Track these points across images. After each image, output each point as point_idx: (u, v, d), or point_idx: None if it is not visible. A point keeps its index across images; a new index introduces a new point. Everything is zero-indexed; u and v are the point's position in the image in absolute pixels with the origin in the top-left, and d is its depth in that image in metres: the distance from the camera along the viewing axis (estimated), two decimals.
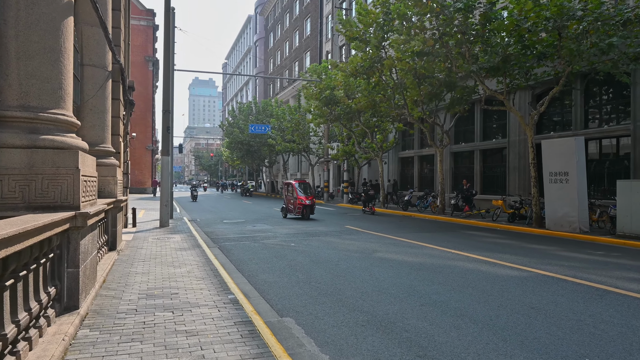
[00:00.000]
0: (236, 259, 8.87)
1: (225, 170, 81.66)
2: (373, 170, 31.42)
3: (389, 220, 17.68)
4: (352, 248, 10.19)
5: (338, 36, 36.15)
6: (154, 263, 7.87)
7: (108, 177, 8.83)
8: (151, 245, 10.03)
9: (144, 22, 47.89)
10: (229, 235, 12.65)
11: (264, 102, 43.20)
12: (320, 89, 22.59)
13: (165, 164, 14.12)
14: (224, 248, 10.30)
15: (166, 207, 13.95)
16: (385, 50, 18.18)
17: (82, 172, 4.83)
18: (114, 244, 8.89)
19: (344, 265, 8.22)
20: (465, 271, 7.65)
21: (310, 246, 10.50)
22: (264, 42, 68.93)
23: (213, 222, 16.56)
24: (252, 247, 10.42)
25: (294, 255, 9.25)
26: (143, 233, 12.23)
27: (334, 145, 29.20)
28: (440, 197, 19.15)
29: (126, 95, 11.34)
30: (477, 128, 21.46)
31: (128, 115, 11.88)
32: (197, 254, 9.01)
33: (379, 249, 9.98)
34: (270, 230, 13.78)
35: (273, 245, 10.68)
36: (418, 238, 11.89)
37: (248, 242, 11.25)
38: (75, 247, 4.65)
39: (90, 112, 8.95)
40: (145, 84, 47.16)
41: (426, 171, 25.97)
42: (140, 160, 45.35)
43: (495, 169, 21.02)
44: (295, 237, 12.28)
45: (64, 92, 5.00)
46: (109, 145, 9.32)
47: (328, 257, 8.99)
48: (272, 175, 47.68)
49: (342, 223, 16.12)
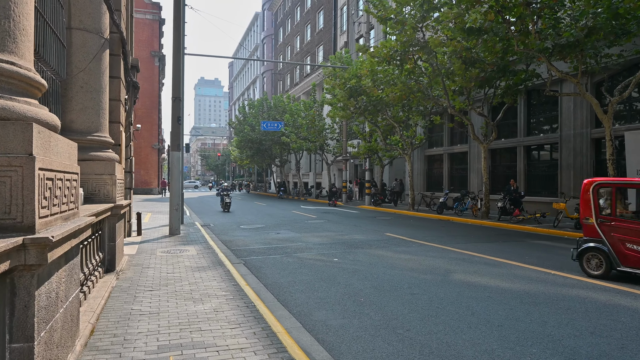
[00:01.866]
0: (272, 284, 6.71)
1: (233, 170, 79.72)
2: (395, 170, 29.18)
3: (428, 225, 15.46)
4: (414, 266, 8.00)
5: (357, 25, 33.95)
6: (165, 294, 5.73)
7: (104, 176, 6.71)
8: (160, 262, 7.90)
9: (150, 15, 45.99)
10: (253, 246, 10.51)
11: (275, 98, 41.09)
12: (345, 79, 20.38)
13: (175, 161, 11.99)
14: (251, 265, 8.15)
15: (177, 211, 11.83)
16: (423, 32, 15.96)
17: (41, 163, 2.69)
18: (112, 264, 6.77)
19: (422, 295, 6.04)
20: (604, 307, 5.44)
21: (359, 263, 8.33)
22: (271, 39, 66.92)
23: (229, 228, 14.44)
24: (287, 264, 8.26)
25: (346, 277, 7.08)
26: (150, 244, 10.11)
27: (354, 143, 26.98)
28: (485, 199, 16.89)
29: (129, 75, 9.23)
30: (521, 121, 19.17)
31: (131, 100, 9.79)
32: (220, 275, 6.87)
33: (452, 268, 7.78)
34: (299, 239, 11.63)
35: (312, 261, 8.52)
36: (484, 250, 9.69)
37: (279, 257, 9.09)
38: (27, 304, 2.50)
39: (81, 90, 6.83)
40: (152, 80, 45.26)
41: (458, 170, 23.69)
42: (146, 160, 43.44)
43: (543, 167, 18.73)
44: (333, 248, 10.11)
45: (12, 24, 2.86)
46: (105, 134, 7.20)
47: (393, 281, 6.81)
48: (284, 175, 45.55)
49: (378, 229, 13.93)
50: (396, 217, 18.75)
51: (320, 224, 15.47)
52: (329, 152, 32.21)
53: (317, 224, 15.47)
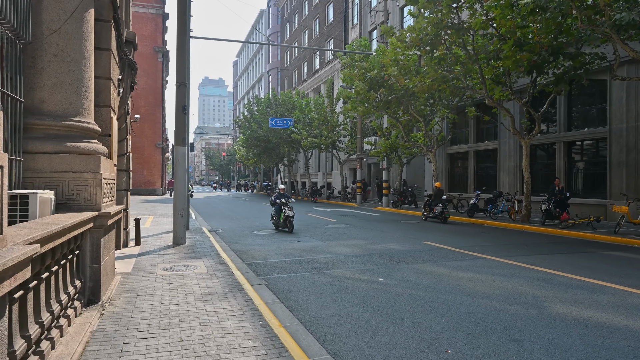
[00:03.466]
0: (312, 320, 4.95)
1: (238, 170, 78.10)
2: (412, 169, 27.35)
3: (465, 231, 13.66)
4: (488, 290, 6.20)
5: (371, 16, 32.14)
6: (166, 345, 3.97)
7: (85, 174, 4.97)
8: (161, 284, 6.15)
9: (153, 9, 44.38)
10: (272, 259, 8.75)
11: (283, 94, 39.34)
12: (365, 69, 18.57)
13: (180, 158, 10.21)
14: (277, 288, 6.39)
15: (182, 216, 10.08)
16: (458, 13, 14.16)
17: None
18: (96, 292, 5.02)
19: (532, 343, 4.24)
20: None
21: (414, 285, 6.54)
22: (277, 36, 65.27)
23: (240, 234, 12.70)
24: (321, 286, 6.50)
25: (408, 309, 5.30)
26: (150, 257, 8.37)
27: (372, 140, 25.17)
28: (526, 200, 15.05)
29: (123, 51, 7.49)
30: (561, 114, 17.31)
31: (127, 83, 8.05)
32: (241, 308, 5.11)
33: (540, 294, 5.98)
34: (325, 249, 9.86)
35: (351, 282, 6.75)
36: (558, 265, 7.88)
37: (308, 275, 7.33)
38: None
39: (55, 59, 5.11)
40: (155, 77, 43.70)
41: (485, 169, 21.84)
42: (150, 159, 41.85)
43: (587, 165, 16.87)
44: (371, 262, 8.33)
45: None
46: (89, 119, 5.46)
47: (475, 316, 5.03)
48: (292, 175, 43.80)
49: (411, 236, 12.14)
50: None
51: (343, 230, 13.68)
52: (341, 150, 30.43)
53: (340, 230, 13.68)
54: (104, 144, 6.16)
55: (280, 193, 13.59)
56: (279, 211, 13.25)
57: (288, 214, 12.89)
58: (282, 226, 13.14)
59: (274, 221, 13.63)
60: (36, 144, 4.91)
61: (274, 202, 13.45)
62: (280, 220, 13.11)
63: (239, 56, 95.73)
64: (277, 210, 13.41)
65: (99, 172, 5.02)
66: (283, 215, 12.92)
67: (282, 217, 12.97)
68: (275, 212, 13.56)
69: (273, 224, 13.75)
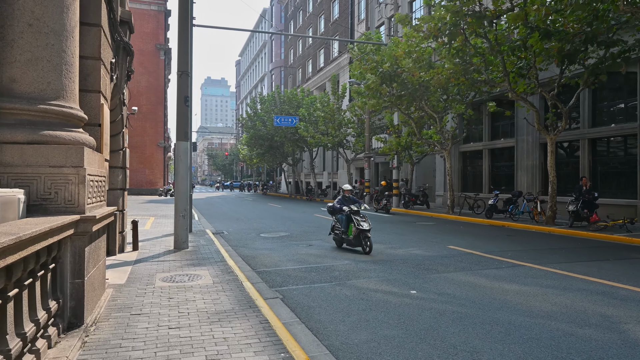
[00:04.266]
0: (343, 348, 4.01)
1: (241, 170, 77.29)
2: (422, 168, 26.38)
3: (488, 234, 12.71)
4: (546, 307, 5.25)
5: (378, 10, 31.18)
6: None
7: (64, 170, 4.07)
8: (159, 301, 5.23)
9: (155, 6, 43.60)
10: (285, 266, 7.83)
11: (287, 92, 38.43)
12: (377, 62, 17.61)
13: (182, 154, 9.27)
14: (294, 303, 5.46)
15: (184, 218, 9.16)
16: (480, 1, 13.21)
17: None
18: (78, 314, 4.10)
19: None
20: None
21: (454, 300, 5.60)
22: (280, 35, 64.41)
23: (247, 237, 11.79)
24: (346, 301, 5.57)
25: (457, 332, 4.37)
26: (147, 265, 7.45)
27: (383, 137, 24.21)
28: (551, 201, 14.08)
29: (117, 31, 6.57)
30: (585, 109, 16.31)
31: (122, 69, 7.13)
32: (256, 332, 4.19)
33: (611, 313, 5.03)
34: (342, 255, 8.92)
35: (380, 295, 5.82)
36: (612, 275, 6.92)
37: (328, 285, 6.40)
38: None
39: (29, 29, 4.21)
40: (157, 75, 42.87)
41: (501, 168, 20.86)
42: (152, 158, 41.01)
43: (614, 163, 15.88)
44: (397, 270, 7.39)
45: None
46: (72, 104, 4.55)
47: (546, 346, 4.09)
48: (296, 175, 42.88)
49: (433, 240, 11.19)
50: (439, 222, 16.00)
51: None
52: (348, 148, 29.48)
53: None
54: (92, 135, 5.25)
55: (345, 196, 9.90)
56: (346, 222, 9.46)
57: (362, 227, 8.98)
58: (351, 243, 9.34)
59: (336, 236, 9.94)
60: (4, 132, 4.00)
61: (337, 209, 9.68)
62: (350, 235, 9.31)
63: (241, 55, 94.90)
64: (343, 220, 9.56)
65: (82, 167, 4.11)
66: (354, 228, 9.15)
67: (353, 231, 9.20)
68: (339, 223, 9.74)
69: (334, 239, 10.04)
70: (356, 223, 9.06)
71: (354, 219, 9.17)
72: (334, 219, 10.04)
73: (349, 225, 9.39)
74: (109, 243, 7.94)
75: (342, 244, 9.90)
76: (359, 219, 9.12)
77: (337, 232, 9.82)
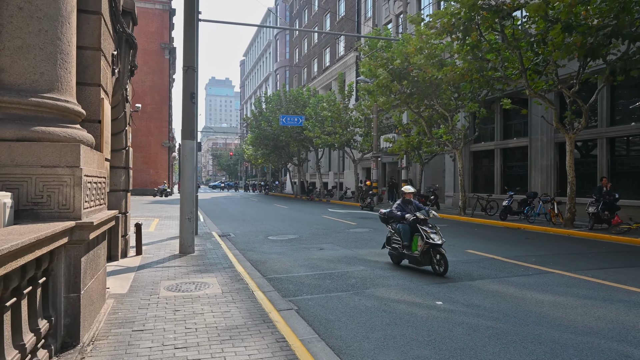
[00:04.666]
0: None
1: (246, 170, 76.97)
2: (431, 168, 25.83)
3: (506, 237, 12.19)
4: (588, 322, 4.75)
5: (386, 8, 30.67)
6: None
7: (58, 170, 3.62)
8: (164, 315, 4.78)
9: (159, 5, 43.29)
10: (297, 272, 7.37)
11: (293, 90, 37.98)
12: (387, 59, 17.11)
13: (187, 153, 8.83)
14: (311, 316, 5.00)
15: (189, 221, 8.71)
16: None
17: None
18: (73, 333, 3.65)
19: None
20: None
21: (485, 311, 5.11)
22: (285, 34, 64.08)
23: (255, 240, 11.34)
24: (367, 313, 5.10)
25: (497, 353, 3.88)
26: (151, 272, 7.01)
27: (390, 137, 23.70)
28: (570, 202, 13.53)
29: (119, 22, 6.13)
30: (603, 107, 15.74)
31: (125, 62, 6.69)
32: (272, 352, 3.72)
33: None
34: (356, 260, 8.46)
35: (403, 307, 5.34)
36: None
37: (345, 295, 5.93)
38: None
39: (19, 13, 3.76)
40: (161, 74, 42.54)
41: (513, 168, 20.30)
42: (156, 158, 40.68)
43: (633, 163, 15.30)
44: (417, 278, 6.91)
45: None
46: (68, 97, 4.10)
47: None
48: (302, 175, 42.43)
49: (449, 244, 10.63)
50: (452, 224, 15.48)
51: (369, 235, 12.27)
52: (355, 148, 28.99)
53: (364, 235, 12.27)
54: (91, 132, 4.81)
55: (406, 200, 7.91)
56: (409, 234, 7.43)
57: (433, 240, 6.97)
58: (416, 261, 7.27)
59: (393, 251, 7.82)
60: None
61: (396, 217, 7.69)
62: (414, 250, 7.27)
63: (245, 55, 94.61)
64: (404, 231, 7.47)
65: (78, 167, 3.66)
66: (420, 241, 7.12)
67: (419, 246, 7.15)
68: (398, 234, 7.64)
69: (390, 254, 8.02)
70: (424, 235, 7.02)
71: (420, 230, 7.15)
72: (390, 229, 8.03)
73: (413, 238, 7.39)
74: (111, 248, 7.51)
75: (400, 261, 7.93)
76: (427, 230, 7.10)
77: (396, 247, 7.68)
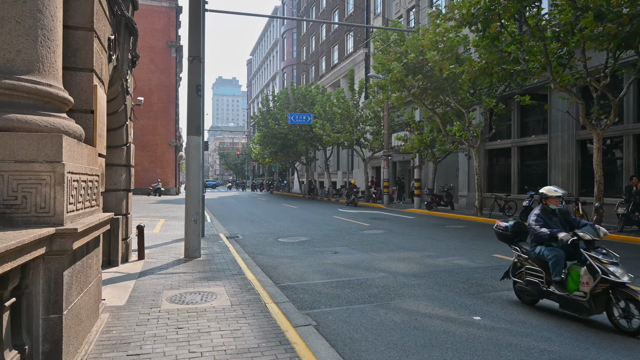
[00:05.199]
0: None
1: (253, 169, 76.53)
2: (443, 167, 25.05)
3: None
4: None
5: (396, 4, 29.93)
6: None
7: (35, 165, 2.97)
8: (165, 334, 4.15)
9: (166, 3, 42.88)
10: (312, 279, 6.73)
11: (302, 88, 37.34)
12: (401, 53, 16.40)
13: (193, 150, 8.21)
14: (333, 334, 4.36)
15: (195, 223, 8.10)
16: None
17: None
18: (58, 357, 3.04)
19: None
20: None
21: (535, 330, 4.43)
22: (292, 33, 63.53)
23: (265, 242, 10.72)
24: (396, 330, 4.44)
25: None
26: (153, 279, 6.40)
27: (403, 135, 22.98)
28: (598, 202, 12.75)
29: (116, 3, 5.52)
30: (630, 103, 14.92)
31: (124, 49, 6.09)
32: None
33: None
34: (374, 266, 7.80)
35: (437, 323, 4.68)
36: None
37: (369, 308, 5.28)
38: None
39: None
40: (168, 72, 42.10)
41: (531, 167, 19.51)
42: (163, 157, 40.24)
43: None
44: (445, 286, 6.25)
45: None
46: (51, 81, 3.46)
47: None
48: (310, 174, 41.80)
49: (473, 247, 10.00)
50: (470, 225, 14.76)
51: (384, 237, 11.60)
52: (365, 147, 28.29)
53: (380, 237, 11.60)
54: (82, 124, 4.20)
55: (550, 210, 5.22)
56: (562, 263, 4.89)
57: (615, 277, 4.33)
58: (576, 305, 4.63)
59: (529, 286, 5.17)
60: None
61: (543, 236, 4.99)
62: (571, 289, 4.70)
63: (252, 54, 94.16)
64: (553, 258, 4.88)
65: (59, 162, 3.04)
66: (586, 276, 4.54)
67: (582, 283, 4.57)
68: (538, 262, 5.08)
69: (520, 290, 5.39)
70: (597, 268, 4.43)
71: (588, 258, 4.54)
72: (517, 250, 5.45)
73: (570, 271, 4.81)
74: (111, 253, 6.93)
75: (538, 300, 5.30)
76: (600, 259, 4.48)
77: (534, 281, 5.09)
